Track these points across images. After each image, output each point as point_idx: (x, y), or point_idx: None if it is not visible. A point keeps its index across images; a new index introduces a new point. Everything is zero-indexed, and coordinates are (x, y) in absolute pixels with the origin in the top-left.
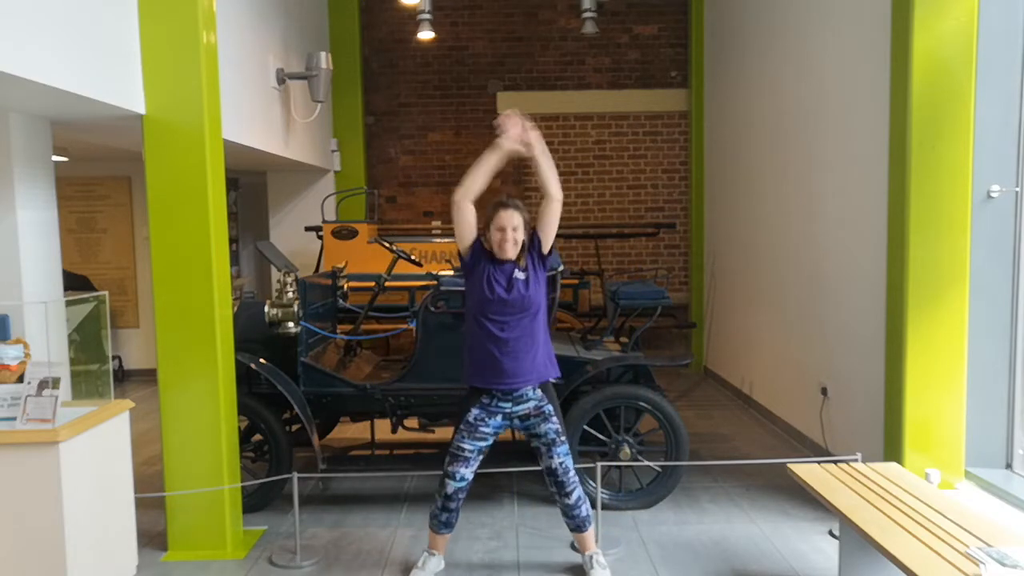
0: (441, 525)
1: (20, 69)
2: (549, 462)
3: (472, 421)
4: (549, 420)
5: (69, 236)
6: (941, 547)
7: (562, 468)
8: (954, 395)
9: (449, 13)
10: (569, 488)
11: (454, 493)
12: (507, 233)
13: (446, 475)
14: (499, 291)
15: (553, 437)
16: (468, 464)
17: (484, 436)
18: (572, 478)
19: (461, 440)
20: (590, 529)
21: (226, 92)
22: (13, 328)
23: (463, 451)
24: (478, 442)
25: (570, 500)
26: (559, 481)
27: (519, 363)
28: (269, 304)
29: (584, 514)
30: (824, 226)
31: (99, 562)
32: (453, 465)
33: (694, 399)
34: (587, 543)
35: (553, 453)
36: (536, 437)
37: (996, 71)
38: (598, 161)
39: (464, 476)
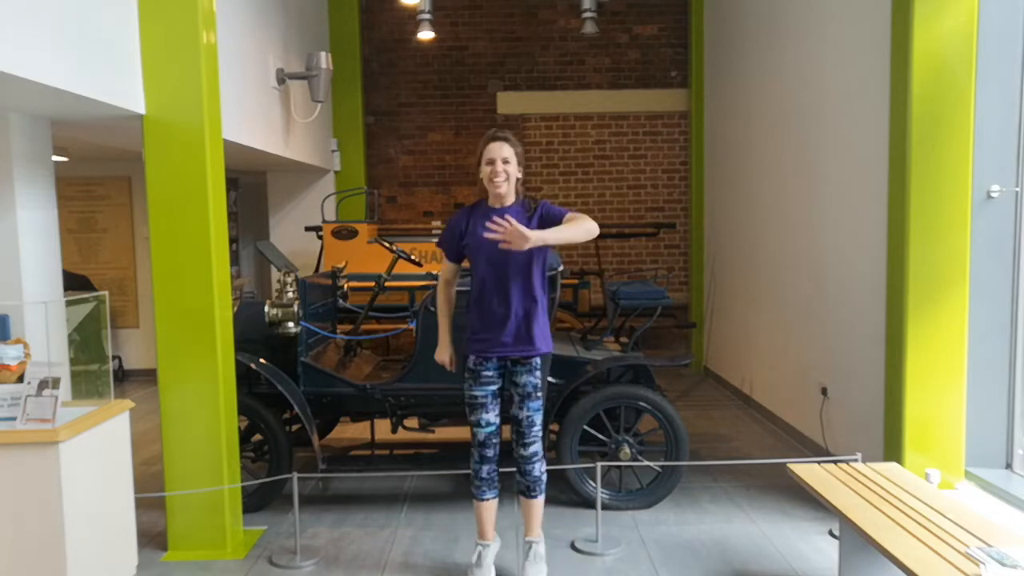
0: (484, 484)
1: (20, 69)
2: (518, 412)
3: (472, 368)
4: (532, 373)
5: (69, 236)
6: (941, 547)
7: (527, 421)
8: (954, 395)
9: (449, 13)
10: (528, 440)
11: (486, 439)
12: (497, 165)
13: (472, 426)
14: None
15: (530, 391)
16: (487, 408)
17: (490, 379)
18: (535, 433)
19: (470, 388)
20: (539, 499)
21: (226, 92)
22: (13, 328)
23: (476, 398)
24: (486, 387)
25: (526, 452)
26: (520, 431)
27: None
28: (269, 304)
29: (537, 474)
30: (824, 226)
31: (99, 562)
32: (474, 414)
33: (694, 399)
34: (532, 522)
35: (525, 405)
36: (515, 385)
37: (996, 71)
38: (598, 161)
39: (489, 420)
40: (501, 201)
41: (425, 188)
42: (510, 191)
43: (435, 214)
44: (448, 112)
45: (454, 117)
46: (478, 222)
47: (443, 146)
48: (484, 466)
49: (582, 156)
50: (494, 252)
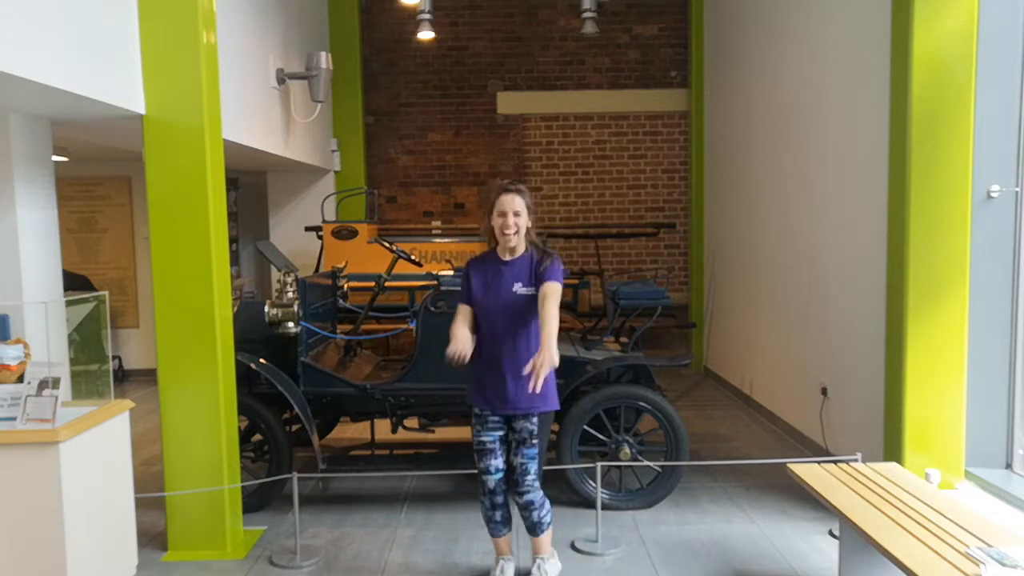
0: (498, 526)
1: (20, 69)
2: (513, 458)
3: (479, 413)
4: (529, 419)
5: (69, 236)
6: (941, 547)
7: (521, 468)
8: (954, 395)
9: (449, 13)
10: (522, 489)
11: (496, 486)
12: (508, 219)
13: (481, 472)
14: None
15: (525, 437)
16: (495, 455)
17: (496, 425)
18: (529, 482)
19: (479, 435)
20: (545, 535)
21: (226, 92)
22: (13, 328)
23: (484, 444)
24: (494, 432)
25: (521, 500)
26: (515, 479)
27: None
28: (269, 304)
29: (536, 520)
30: (824, 226)
31: (99, 562)
32: (483, 460)
33: (694, 399)
34: (539, 547)
35: (519, 451)
36: (512, 430)
37: (996, 71)
38: (598, 161)
39: (498, 467)
40: (511, 253)
41: (425, 188)
42: (520, 243)
43: (435, 214)
44: (448, 112)
45: (454, 117)
46: (486, 275)
47: (443, 146)
48: (496, 512)
49: (582, 156)
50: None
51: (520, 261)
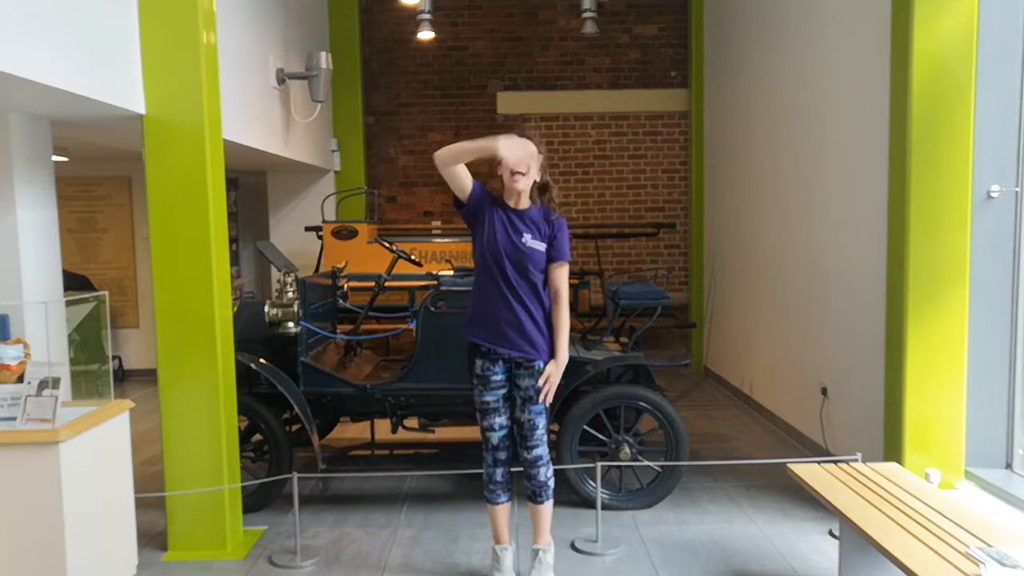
0: (498, 488)
1: (20, 69)
2: (520, 415)
3: (480, 372)
4: (534, 376)
5: (69, 236)
6: (941, 547)
7: (529, 424)
8: (954, 395)
9: (449, 13)
10: (532, 443)
11: (499, 442)
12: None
13: (484, 430)
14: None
15: (532, 394)
16: (499, 413)
17: (498, 384)
18: (538, 436)
19: (481, 395)
20: (547, 505)
21: (226, 92)
22: (13, 328)
23: (487, 403)
24: (496, 390)
25: (529, 455)
26: (523, 434)
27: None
28: (269, 304)
29: (542, 479)
30: (824, 226)
31: (99, 562)
32: (486, 419)
33: (694, 399)
34: (541, 527)
35: (527, 408)
36: (517, 388)
37: (996, 71)
38: (598, 161)
39: (502, 424)
40: (518, 200)
41: (425, 188)
42: (527, 190)
43: (435, 214)
44: (448, 112)
45: (454, 117)
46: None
47: (443, 146)
48: (498, 469)
49: (582, 156)
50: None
51: (530, 212)
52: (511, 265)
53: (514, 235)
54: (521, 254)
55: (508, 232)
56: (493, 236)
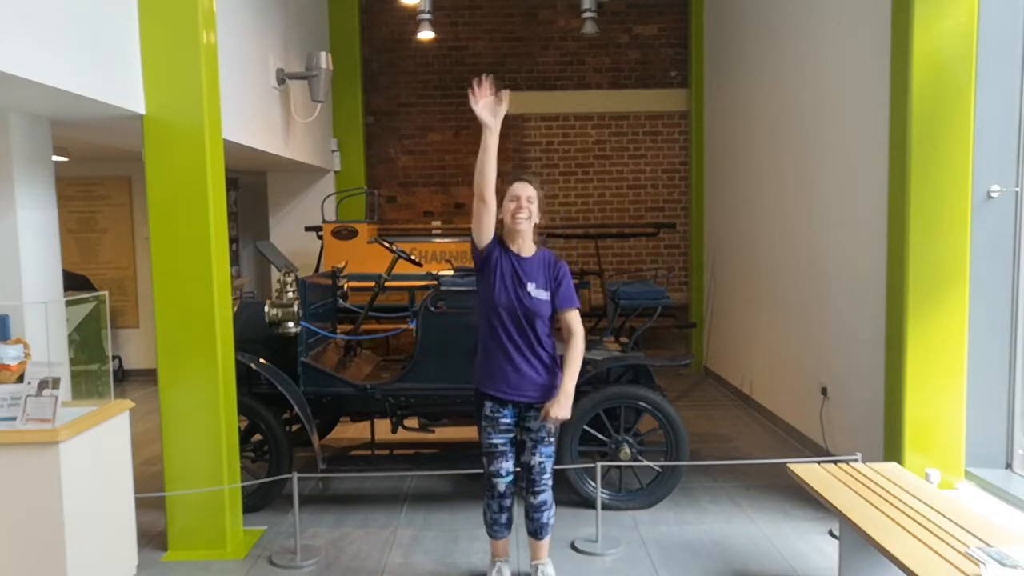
0: (501, 528)
1: (20, 69)
2: (530, 458)
3: (490, 415)
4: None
5: (69, 236)
6: (941, 547)
7: (539, 468)
8: (954, 395)
9: (449, 13)
10: (539, 488)
11: (506, 490)
12: (521, 202)
13: (491, 475)
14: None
15: (543, 436)
16: (506, 457)
17: (507, 427)
18: (545, 481)
19: (488, 437)
20: (547, 539)
21: (226, 92)
22: (13, 328)
23: (495, 447)
24: (504, 434)
25: (535, 500)
26: (532, 479)
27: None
28: (269, 304)
29: (544, 521)
30: (824, 226)
31: (99, 562)
32: (493, 463)
33: (694, 399)
34: (539, 552)
35: (537, 451)
36: (527, 431)
37: (996, 71)
38: (598, 161)
39: (508, 470)
40: (519, 243)
41: (425, 188)
42: (528, 231)
43: (435, 214)
44: (448, 112)
45: (454, 117)
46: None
47: (443, 146)
48: (502, 515)
49: (582, 156)
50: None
51: (535, 260)
52: (517, 317)
53: (519, 288)
54: (527, 306)
55: (515, 283)
56: (502, 289)
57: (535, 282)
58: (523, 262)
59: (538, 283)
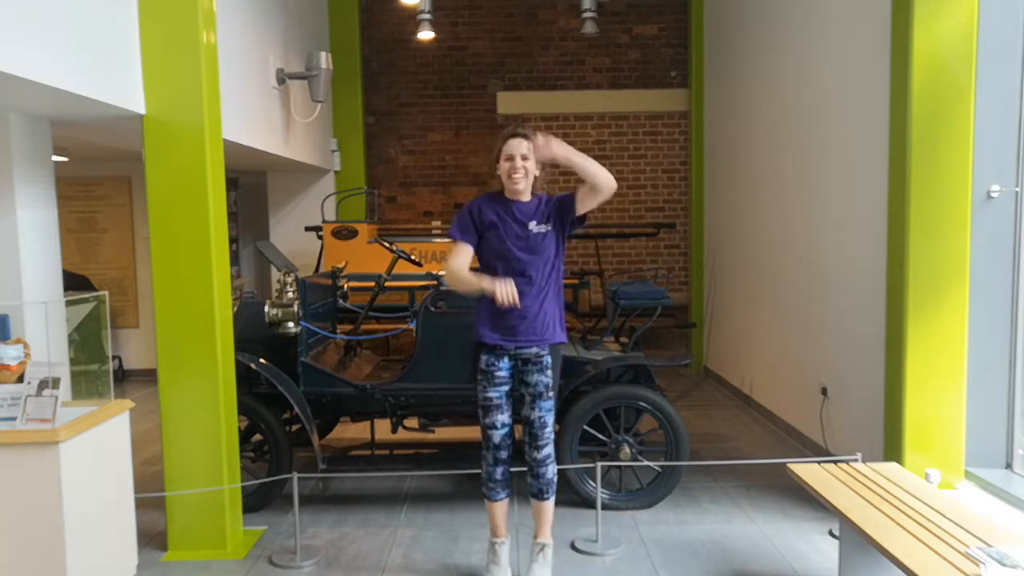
0: (498, 486)
1: (20, 69)
2: (529, 412)
3: (485, 368)
4: (544, 372)
5: (69, 236)
6: (941, 547)
7: (539, 422)
8: (954, 395)
9: (449, 13)
10: (541, 442)
11: (501, 441)
12: (516, 162)
13: (486, 427)
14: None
15: (542, 390)
16: (501, 410)
17: (503, 380)
18: (547, 435)
19: (484, 390)
20: (550, 501)
21: (226, 92)
22: (13, 328)
23: (491, 400)
24: (500, 387)
25: (539, 455)
26: (533, 432)
27: (529, 323)
28: (269, 304)
29: (549, 476)
30: (824, 226)
31: (99, 562)
32: (488, 416)
33: (694, 399)
34: (543, 521)
35: (536, 405)
36: (526, 385)
37: (996, 71)
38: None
39: (504, 422)
40: (517, 196)
41: (425, 188)
42: (527, 188)
43: (435, 214)
44: (448, 112)
45: (454, 117)
46: (497, 211)
47: (443, 146)
48: (498, 468)
49: None
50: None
51: (532, 203)
52: (522, 255)
53: (519, 228)
54: (530, 242)
55: (513, 226)
56: (500, 235)
57: (534, 219)
58: (521, 205)
59: (537, 219)
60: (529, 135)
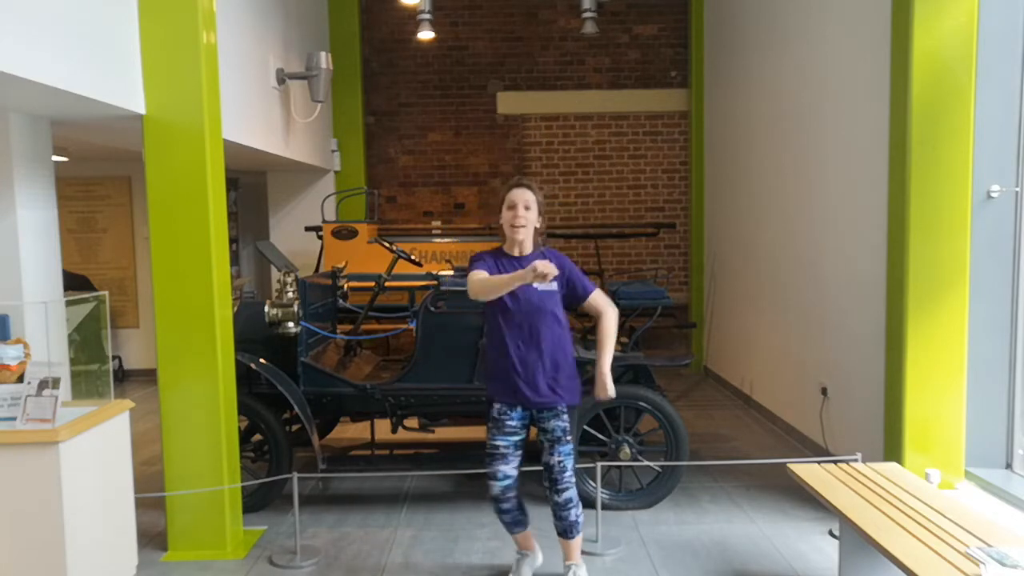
0: (513, 526)
1: (20, 69)
2: (549, 458)
3: (496, 416)
4: (560, 417)
5: (69, 236)
6: (941, 547)
7: (559, 467)
8: (954, 395)
9: (449, 13)
10: (562, 486)
11: (501, 493)
12: (518, 210)
13: (488, 477)
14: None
15: (560, 435)
16: (507, 460)
17: (513, 430)
18: (568, 479)
19: (492, 438)
20: (578, 538)
21: (226, 92)
22: (13, 328)
23: (497, 448)
24: (509, 436)
25: (560, 499)
26: (553, 478)
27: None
28: (269, 304)
29: (572, 519)
30: (824, 226)
31: (99, 562)
32: (492, 465)
33: (694, 399)
34: (570, 551)
35: (555, 451)
36: (543, 431)
37: (996, 71)
38: (598, 161)
39: (506, 473)
40: (520, 249)
41: (425, 188)
42: (528, 238)
43: (435, 214)
44: (448, 112)
45: (454, 117)
46: (502, 266)
47: (443, 146)
48: (506, 515)
49: (582, 156)
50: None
51: (534, 258)
52: (526, 313)
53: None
54: (533, 303)
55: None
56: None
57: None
58: (523, 261)
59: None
60: (533, 186)
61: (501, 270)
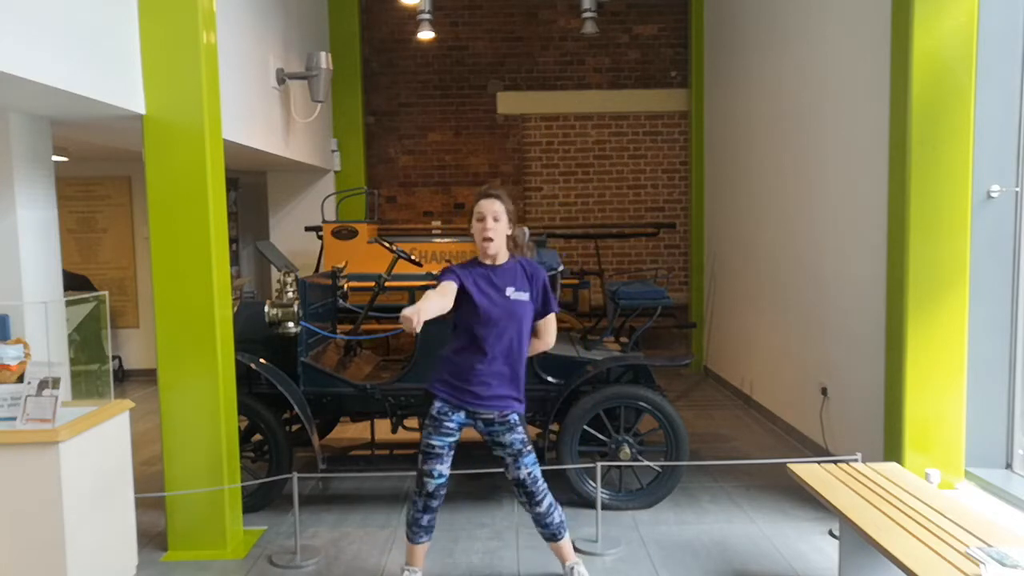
0: (422, 531)
1: (20, 69)
2: (516, 473)
3: (436, 415)
4: (514, 430)
5: (69, 236)
6: (941, 547)
7: (530, 478)
8: (954, 395)
9: (449, 13)
10: (539, 497)
11: (435, 490)
12: (487, 222)
13: (423, 474)
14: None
15: (519, 447)
16: (442, 460)
17: (450, 431)
18: (541, 487)
19: (429, 437)
20: (566, 537)
21: (226, 92)
22: (13, 328)
23: (433, 448)
24: (446, 437)
25: (541, 509)
26: (528, 492)
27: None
28: (269, 304)
29: (557, 521)
30: (824, 226)
31: (99, 562)
32: (428, 463)
33: (694, 399)
34: (565, 553)
35: (520, 464)
36: (500, 447)
37: (996, 71)
38: (598, 161)
39: (442, 472)
40: (493, 259)
41: (425, 188)
42: (500, 249)
43: (435, 214)
44: (448, 112)
45: (454, 117)
46: (475, 277)
47: (443, 146)
48: (426, 515)
49: (582, 156)
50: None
51: (508, 267)
52: (496, 322)
53: (496, 294)
54: (505, 310)
55: (490, 292)
56: (481, 298)
57: (512, 285)
58: (496, 270)
59: (516, 286)
60: (502, 196)
61: (476, 280)
